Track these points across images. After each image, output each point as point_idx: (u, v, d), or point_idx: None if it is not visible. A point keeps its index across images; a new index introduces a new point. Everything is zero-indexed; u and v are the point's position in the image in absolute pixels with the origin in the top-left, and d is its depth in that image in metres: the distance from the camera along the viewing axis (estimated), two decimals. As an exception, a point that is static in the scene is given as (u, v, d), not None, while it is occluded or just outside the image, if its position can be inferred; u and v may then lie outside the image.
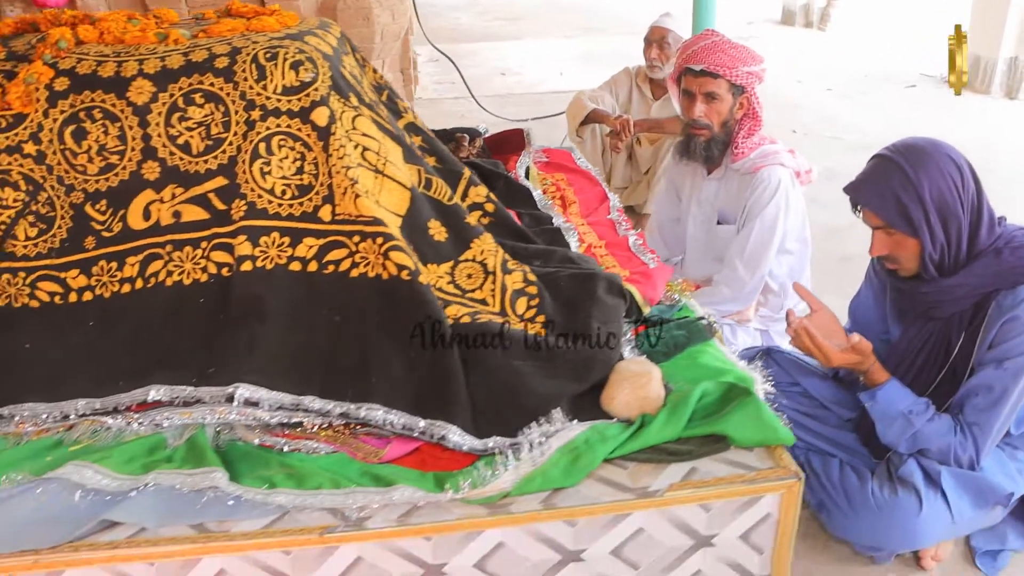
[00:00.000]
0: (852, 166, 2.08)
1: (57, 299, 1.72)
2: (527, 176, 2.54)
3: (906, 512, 1.87)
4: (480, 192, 2.01)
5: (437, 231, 1.76)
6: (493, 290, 1.73)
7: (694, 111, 2.62)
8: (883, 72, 6.80)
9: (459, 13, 10.02)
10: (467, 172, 2.03)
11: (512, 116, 5.39)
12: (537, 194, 2.32)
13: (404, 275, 1.60)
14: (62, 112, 1.69)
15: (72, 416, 1.61)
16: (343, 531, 1.37)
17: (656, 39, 3.86)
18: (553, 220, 2.21)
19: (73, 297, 1.72)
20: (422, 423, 1.50)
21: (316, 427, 1.55)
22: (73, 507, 1.42)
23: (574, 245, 2.10)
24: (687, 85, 2.62)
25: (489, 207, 2.01)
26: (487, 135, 2.79)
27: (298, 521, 1.39)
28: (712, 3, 5.09)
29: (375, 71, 2.10)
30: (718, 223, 2.77)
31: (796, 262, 2.76)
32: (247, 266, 1.62)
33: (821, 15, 8.69)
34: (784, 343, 2.37)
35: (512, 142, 2.70)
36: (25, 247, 1.71)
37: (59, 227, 1.72)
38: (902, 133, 1.99)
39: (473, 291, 1.73)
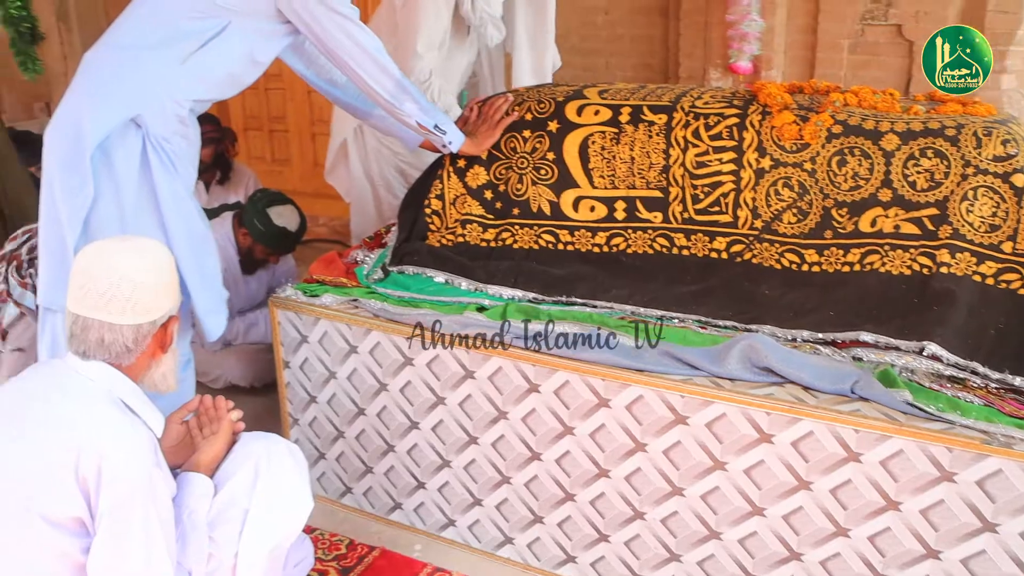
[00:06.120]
0: None
1: (794, 266, 2.61)
2: None
3: None
4: None
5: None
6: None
7: None
8: None
9: None
10: None
11: None
12: None
13: (1067, 300, 2.26)
14: (833, 147, 2.57)
15: (798, 340, 2.49)
16: (994, 445, 2.07)
17: None
18: None
19: (805, 267, 2.59)
20: (1058, 399, 2.16)
21: (975, 385, 2.27)
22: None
23: None
24: None
25: None
26: None
27: (958, 432, 2.12)
28: None
29: None
30: None
31: None
32: (944, 270, 2.38)
33: None
34: None
35: None
36: (785, 228, 2.63)
37: (810, 219, 2.60)
38: None
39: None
